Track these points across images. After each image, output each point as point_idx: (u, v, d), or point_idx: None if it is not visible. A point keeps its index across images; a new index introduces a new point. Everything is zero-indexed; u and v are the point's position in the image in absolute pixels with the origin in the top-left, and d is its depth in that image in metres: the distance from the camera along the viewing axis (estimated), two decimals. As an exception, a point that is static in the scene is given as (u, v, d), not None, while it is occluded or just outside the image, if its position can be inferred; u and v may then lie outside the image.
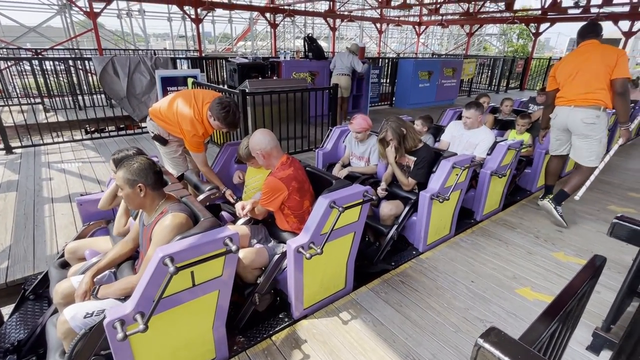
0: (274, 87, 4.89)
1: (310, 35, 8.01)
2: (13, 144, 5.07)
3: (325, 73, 7.58)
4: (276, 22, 12.36)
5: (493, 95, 11.87)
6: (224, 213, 2.61)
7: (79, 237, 2.32)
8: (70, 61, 7.70)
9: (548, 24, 12.94)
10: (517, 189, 4.16)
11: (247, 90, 4.53)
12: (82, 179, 4.14)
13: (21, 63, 8.28)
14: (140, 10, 15.40)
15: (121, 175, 1.63)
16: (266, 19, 12.19)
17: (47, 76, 7.40)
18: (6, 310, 2.27)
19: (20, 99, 7.77)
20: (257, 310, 2.04)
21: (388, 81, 9.77)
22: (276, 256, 2.07)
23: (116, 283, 1.69)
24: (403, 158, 2.89)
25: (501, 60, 13.02)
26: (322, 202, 1.90)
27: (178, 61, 7.28)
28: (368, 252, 2.83)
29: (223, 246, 1.48)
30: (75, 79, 7.83)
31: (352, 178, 3.05)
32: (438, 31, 24.55)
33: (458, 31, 24.22)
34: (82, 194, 2.48)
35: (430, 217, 2.70)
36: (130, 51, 12.56)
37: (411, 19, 16.70)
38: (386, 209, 2.78)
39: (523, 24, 14.20)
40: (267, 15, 11.98)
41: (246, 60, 6.95)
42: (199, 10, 9.94)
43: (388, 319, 2.10)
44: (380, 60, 10.05)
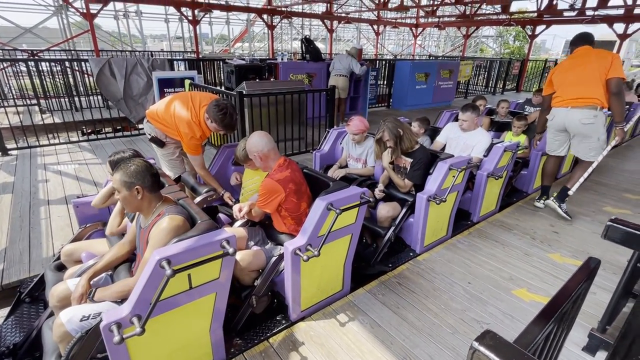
0: (272, 89, 4.90)
1: (307, 37, 8.03)
2: (9, 146, 5.04)
3: (322, 75, 7.59)
4: (273, 24, 12.37)
5: (489, 97, 11.93)
6: (221, 215, 2.61)
7: (76, 240, 2.31)
8: (66, 62, 7.67)
9: (544, 26, 13.04)
10: (514, 191, 4.18)
11: (245, 92, 4.53)
12: (79, 181, 4.13)
13: (17, 64, 8.24)
14: (137, 11, 15.36)
15: (118, 177, 1.63)
16: (263, 21, 12.21)
17: (43, 77, 7.37)
18: (1, 313, 2.26)
19: (16, 100, 7.73)
20: (255, 312, 2.04)
21: (385, 83, 9.80)
22: (273, 258, 2.08)
23: (113, 286, 1.69)
24: (399, 159, 2.90)
25: (498, 62, 13.09)
26: (320, 204, 1.90)
27: (175, 63, 7.28)
28: (365, 254, 2.83)
29: (220, 249, 1.48)
30: (71, 80, 7.80)
31: (349, 180, 3.05)
32: (435, 33, 24.67)
33: (455, 33, 24.34)
34: (79, 196, 2.47)
35: (427, 219, 2.71)
36: (127, 52, 12.54)
37: (408, 21, 16.76)
38: (383, 211, 2.79)
39: (519, 26, 14.30)
40: (265, 16, 12.00)
41: (243, 61, 6.96)
42: (196, 11, 9.94)
43: (385, 321, 2.10)
44: (377, 62, 10.09)
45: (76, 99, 7.65)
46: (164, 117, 2.70)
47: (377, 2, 12.41)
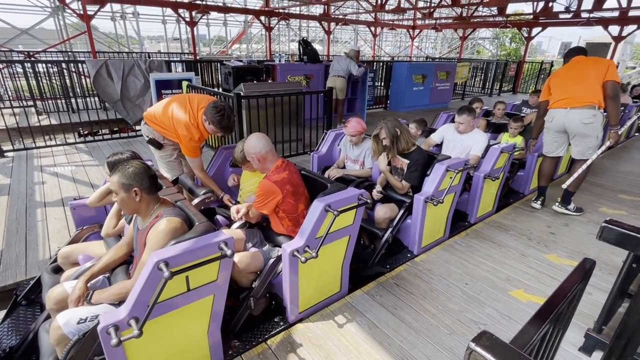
0: (269, 91, 4.90)
1: (305, 38, 8.03)
2: (5, 147, 5.01)
3: (320, 76, 7.60)
4: (271, 25, 12.38)
5: (486, 98, 11.98)
6: (219, 217, 2.61)
7: (72, 242, 2.30)
8: (63, 64, 7.64)
9: (540, 28, 13.13)
10: (510, 192, 4.20)
11: (242, 93, 4.54)
12: (75, 183, 4.11)
13: (13, 65, 8.20)
14: (134, 12, 15.33)
15: (116, 179, 1.63)
16: (261, 22, 12.22)
17: (40, 79, 7.34)
18: (-3, 316, 2.24)
19: (12, 102, 7.68)
20: (252, 314, 2.04)
21: (383, 84, 9.83)
22: (271, 260, 2.08)
23: (110, 288, 1.68)
24: (396, 160, 2.91)
25: (494, 63, 13.16)
26: (317, 206, 1.90)
27: (172, 64, 7.27)
28: (363, 255, 2.83)
29: (218, 250, 1.48)
30: (68, 82, 7.77)
31: (347, 181, 3.06)
32: (432, 35, 24.75)
33: (452, 35, 24.43)
34: (76, 198, 2.46)
35: (424, 220, 2.72)
36: (124, 54, 12.50)
37: (405, 23, 16.82)
38: (381, 212, 2.80)
39: (515, 28, 14.38)
40: (262, 18, 12.01)
41: (241, 63, 6.96)
42: (194, 13, 9.94)
43: (383, 322, 2.11)
44: (374, 63, 10.11)
45: (73, 101, 7.62)
46: (162, 120, 2.70)
47: (375, 4, 12.45)
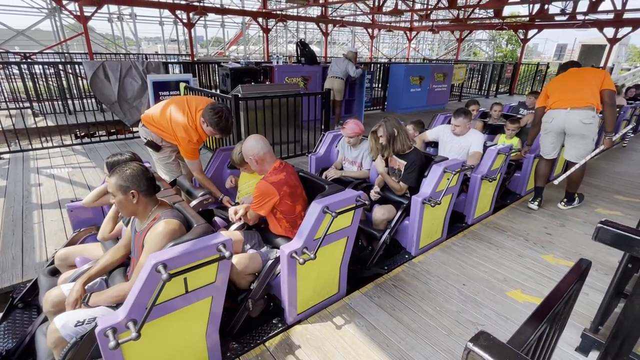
0: (267, 92, 4.90)
1: (302, 40, 8.06)
2: (1, 149, 4.99)
3: (317, 78, 7.61)
4: (268, 27, 12.40)
5: (483, 100, 12.04)
6: (217, 219, 2.61)
7: (70, 244, 2.29)
8: (60, 65, 7.61)
9: (536, 30, 13.23)
10: (507, 193, 4.22)
11: (240, 95, 4.54)
12: (72, 185, 4.09)
13: (9, 67, 8.16)
14: (131, 14, 15.31)
15: (113, 181, 1.63)
16: (258, 24, 12.23)
17: (36, 80, 7.31)
18: (-6, 319, 2.22)
19: (8, 103, 7.65)
20: (251, 316, 2.04)
21: (380, 86, 9.86)
22: (269, 261, 2.08)
23: (108, 290, 1.68)
24: (394, 162, 2.92)
25: (491, 65, 13.22)
26: (315, 207, 1.91)
27: (170, 66, 7.26)
28: (361, 257, 2.84)
29: (216, 252, 1.48)
30: (65, 83, 7.74)
31: (345, 183, 3.07)
32: (429, 36, 24.88)
33: (448, 37, 24.56)
34: (73, 200, 2.45)
35: (422, 221, 2.73)
36: (121, 55, 12.48)
37: (402, 25, 16.90)
38: (379, 214, 2.80)
39: (512, 30, 14.47)
40: (260, 20, 12.02)
41: (239, 65, 6.95)
42: (191, 14, 9.94)
43: (381, 323, 2.11)
44: (372, 65, 10.14)
45: (70, 102, 7.58)
46: (160, 122, 2.70)
47: (372, 6, 12.50)
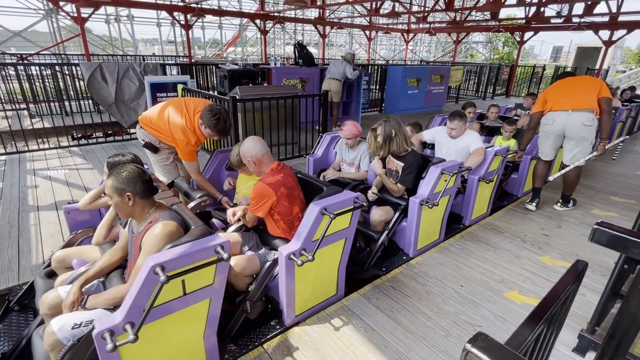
0: (265, 94, 4.90)
1: (300, 42, 8.08)
2: (-3, 151, 4.96)
3: (315, 79, 7.63)
4: (266, 29, 12.41)
5: (480, 101, 12.10)
6: (215, 220, 2.60)
7: (66, 246, 2.28)
8: (56, 66, 7.58)
9: (532, 33, 13.33)
10: (504, 194, 4.24)
11: (238, 96, 4.54)
12: (69, 187, 4.07)
13: (5, 68, 8.11)
14: (128, 15, 15.28)
15: (110, 184, 1.62)
16: (256, 26, 12.24)
17: (33, 81, 7.27)
18: (-11, 322, 2.20)
19: (4, 105, 7.59)
20: (249, 318, 2.04)
21: (378, 87, 9.89)
22: (267, 263, 2.07)
23: (105, 293, 1.67)
24: (391, 163, 2.93)
25: (487, 67, 13.30)
26: (314, 209, 1.91)
27: (167, 67, 7.25)
28: (359, 258, 2.84)
29: (214, 254, 1.48)
30: (62, 85, 7.70)
31: (342, 184, 3.07)
32: (426, 39, 24.97)
33: (445, 39, 24.66)
34: (69, 202, 2.44)
35: (420, 223, 2.74)
36: (118, 56, 12.43)
37: (400, 27, 16.96)
38: (376, 215, 2.81)
39: (508, 33, 14.57)
40: (257, 21, 12.03)
41: (236, 66, 6.96)
42: (189, 16, 9.94)
43: (379, 325, 2.11)
44: (369, 67, 10.17)
45: (66, 103, 7.55)
46: (158, 124, 2.69)
47: (369, 8, 12.54)
